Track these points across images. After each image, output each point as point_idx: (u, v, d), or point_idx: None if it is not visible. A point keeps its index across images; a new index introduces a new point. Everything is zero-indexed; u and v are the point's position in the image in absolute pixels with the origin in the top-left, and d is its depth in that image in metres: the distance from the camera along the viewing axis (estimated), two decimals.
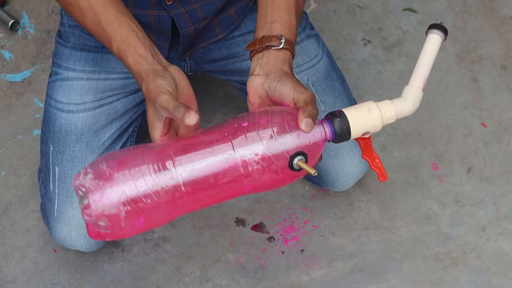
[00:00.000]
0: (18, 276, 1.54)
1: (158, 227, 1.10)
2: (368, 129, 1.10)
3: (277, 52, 1.18)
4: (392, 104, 1.11)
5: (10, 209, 1.61)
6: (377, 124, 1.10)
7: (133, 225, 1.05)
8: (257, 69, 1.18)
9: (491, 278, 1.56)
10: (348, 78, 1.76)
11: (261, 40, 1.19)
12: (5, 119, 1.71)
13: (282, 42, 1.18)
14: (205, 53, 1.48)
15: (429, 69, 1.14)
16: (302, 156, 1.07)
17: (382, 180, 1.14)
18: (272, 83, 1.14)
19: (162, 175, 1.04)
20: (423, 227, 1.61)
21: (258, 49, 1.19)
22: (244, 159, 1.06)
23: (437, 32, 1.14)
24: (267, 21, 1.21)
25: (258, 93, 1.16)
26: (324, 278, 1.55)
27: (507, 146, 1.70)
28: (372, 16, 1.87)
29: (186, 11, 1.37)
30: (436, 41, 1.14)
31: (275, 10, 1.22)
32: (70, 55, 1.44)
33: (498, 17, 1.87)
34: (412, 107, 1.12)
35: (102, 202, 1.03)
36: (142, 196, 1.03)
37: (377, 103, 1.11)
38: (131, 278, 1.54)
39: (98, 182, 1.03)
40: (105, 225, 1.04)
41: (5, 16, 1.80)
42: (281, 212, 1.62)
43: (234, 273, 1.55)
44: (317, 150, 1.09)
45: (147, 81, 1.14)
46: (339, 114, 1.09)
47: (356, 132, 1.10)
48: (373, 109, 1.10)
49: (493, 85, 1.78)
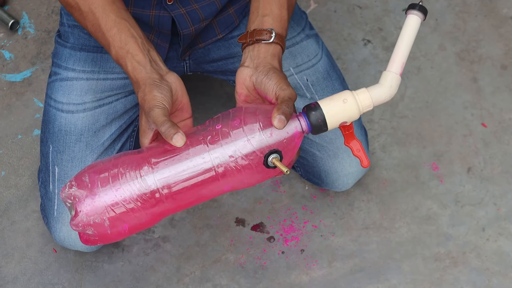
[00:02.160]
0: (18, 276, 1.54)
1: (145, 228, 1.13)
2: (345, 119, 1.10)
3: (267, 46, 1.20)
4: (368, 92, 1.10)
5: (10, 209, 1.61)
6: (354, 113, 1.10)
7: (119, 231, 1.10)
8: (247, 61, 1.20)
9: (491, 278, 1.56)
10: (348, 78, 1.76)
11: (252, 33, 1.21)
12: (5, 119, 1.71)
13: (272, 36, 1.20)
14: (204, 53, 1.48)
15: (407, 52, 1.11)
16: (276, 154, 1.08)
17: (364, 167, 1.13)
18: (259, 76, 1.16)
19: (140, 182, 1.07)
20: (423, 227, 1.61)
21: (249, 42, 1.21)
22: (219, 161, 1.07)
23: (416, 13, 1.11)
24: (259, 14, 1.23)
25: (246, 84, 1.18)
26: (324, 278, 1.55)
27: (507, 146, 1.70)
28: (372, 16, 1.87)
29: (187, 11, 1.37)
30: (415, 22, 1.10)
31: (267, 3, 1.24)
32: (69, 55, 1.44)
33: (498, 17, 1.87)
34: (389, 93, 1.11)
35: (85, 212, 1.07)
36: (122, 203, 1.07)
37: (353, 92, 1.10)
38: (131, 278, 1.54)
39: (82, 193, 1.07)
40: (92, 233, 1.09)
41: (5, 16, 1.80)
42: (281, 212, 1.62)
43: (234, 273, 1.55)
44: (294, 144, 1.10)
45: (144, 91, 1.15)
46: (314, 106, 1.10)
47: (333, 123, 1.10)
48: (348, 100, 1.09)
49: (493, 85, 1.78)
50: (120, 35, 1.21)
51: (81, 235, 1.12)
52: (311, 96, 1.47)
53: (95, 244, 1.12)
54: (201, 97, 1.74)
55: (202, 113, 1.71)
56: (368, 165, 1.14)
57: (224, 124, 1.09)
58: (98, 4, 1.23)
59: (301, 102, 1.47)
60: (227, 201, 1.62)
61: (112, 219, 1.08)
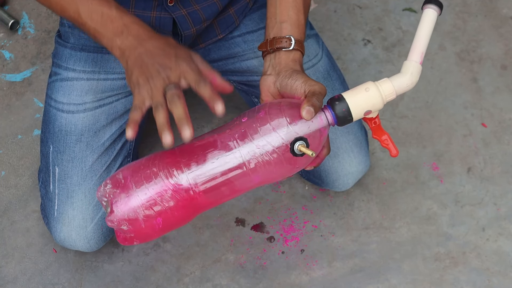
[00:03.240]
0: (18, 276, 1.54)
1: (180, 226, 1.16)
2: (369, 108, 1.13)
3: (287, 53, 1.22)
4: (390, 81, 1.14)
5: (10, 209, 1.61)
6: (377, 102, 1.13)
7: (153, 226, 1.13)
8: (269, 69, 1.22)
9: (491, 278, 1.56)
10: (348, 78, 1.76)
11: (272, 41, 1.23)
12: (5, 119, 1.71)
13: (292, 44, 1.22)
14: (204, 53, 1.48)
15: (426, 43, 1.15)
16: (302, 141, 1.10)
17: (393, 156, 1.17)
18: (283, 80, 1.18)
19: (173, 176, 1.10)
20: (423, 227, 1.61)
21: (270, 50, 1.23)
22: (248, 155, 1.10)
23: (433, 7, 1.15)
24: (277, 21, 1.25)
25: (271, 91, 1.20)
26: (324, 278, 1.55)
27: (507, 146, 1.70)
28: (372, 16, 1.87)
29: (188, 12, 1.37)
30: (432, 15, 1.15)
31: (284, 9, 1.25)
32: (70, 55, 1.44)
33: (498, 17, 1.87)
34: (410, 81, 1.14)
35: (120, 208, 1.11)
36: (156, 197, 1.10)
37: (375, 82, 1.13)
38: (131, 278, 1.54)
39: (116, 190, 1.11)
40: (127, 228, 1.12)
41: (5, 16, 1.80)
42: (281, 212, 1.62)
43: (234, 273, 1.55)
44: (320, 136, 1.13)
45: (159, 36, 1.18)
46: (338, 98, 1.13)
47: (357, 113, 1.13)
48: (370, 88, 1.13)
49: (493, 85, 1.78)
50: None
51: (118, 233, 1.16)
52: None
53: (131, 243, 1.15)
54: None
55: (202, 113, 1.71)
56: (396, 155, 1.17)
57: (250, 118, 1.12)
58: None
59: None
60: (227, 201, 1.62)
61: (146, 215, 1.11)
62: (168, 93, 1.10)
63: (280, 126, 1.10)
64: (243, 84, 1.51)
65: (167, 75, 1.13)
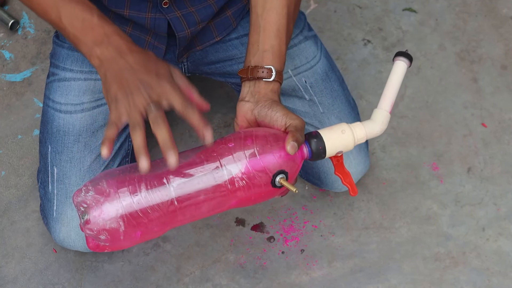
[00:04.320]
0: (18, 276, 1.54)
1: (152, 238, 1.16)
2: (342, 149, 1.19)
3: (267, 84, 1.23)
4: (363, 126, 1.21)
5: (10, 209, 1.61)
6: (349, 144, 1.20)
7: (131, 238, 1.13)
8: (248, 96, 1.23)
9: (491, 278, 1.56)
10: (348, 78, 1.76)
11: (253, 70, 1.23)
12: (5, 119, 1.71)
13: (273, 75, 1.23)
14: (202, 55, 1.48)
15: (396, 93, 1.23)
16: (283, 175, 1.15)
17: (353, 195, 1.22)
18: (262, 110, 1.20)
19: (158, 191, 1.11)
20: (423, 227, 1.61)
21: (250, 78, 1.23)
22: (230, 177, 1.14)
23: (403, 59, 1.23)
24: (259, 49, 1.25)
25: (247, 117, 1.22)
26: (324, 278, 1.55)
27: (507, 146, 1.70)
28: (372, 16, 1.87)
29: (183, 14, 1.37)
30: (402, 67, 1.23)
31: (267, 37, 1.25)
32: (67, 55, 1.44)
33: (498, 17, 1.87)
34: (380, 128, 1.22)
35: (102, 217, 1.10)
36: (139, 211, 1.11)
37: (349, 125, 1.20)
38: (131, 278, 1.54)
39: (99, 198, 1.10)
40: (105, 238, 1.11)
41: (5, 16, 1.81)
42: (281, 212, 1.62)
43: (234, 273, 1.55)
44: (296, 168, 1.18)
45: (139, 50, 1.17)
46: (315, 135, 1.18)
47: (331, 151, 1.19)
48: (346, 131, 1.19)
49: (493, 85, 1.78)
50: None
51: (89, 240, 1.14)
52: (309, 97, 1.47)
53: (101, 250, 1.15)
54: None
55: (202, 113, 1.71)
56: (355, 194, 1.22)
57: (237, 144, 1.15)
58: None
59: (300, 104, 1.47)
60: None
61: (127, 226, 1.11)
62: (151, 114, 1.09)
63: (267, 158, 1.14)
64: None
65: (148, 93, 1.12)
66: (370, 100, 1.75)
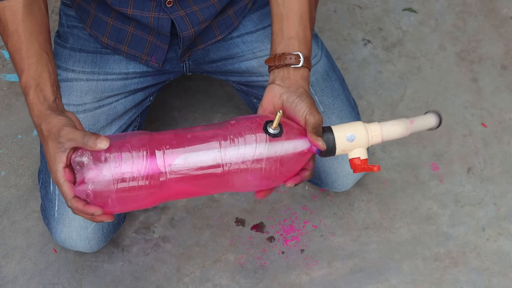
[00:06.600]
0: (18, 276, 1.54)
1: (141, 208, 1.17)
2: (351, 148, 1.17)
3: (296, 70, 1.22)
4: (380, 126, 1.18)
5: (10, 209, 1.61)
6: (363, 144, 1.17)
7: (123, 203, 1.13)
8: (278, 80, 1.21)
9: (491, 278, 1.56)
10: (348, 78, 1.76)
11: (280, 57, 1.22)
12: (5, 119, 1.71)
13: (301, 61, 1.22)
14: (204, 54, 1.48)
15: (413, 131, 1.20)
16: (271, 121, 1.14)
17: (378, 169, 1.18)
18: (291, 96, 1.18)
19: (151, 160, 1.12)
20: (423, 227, 1.61)
21: (278, 65, 1.22)
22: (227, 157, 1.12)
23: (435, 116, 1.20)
24: (284, 37, 1.24)
25: (274, 101, 1.20)
26: (324, 278, 1.55)
27: (507, 146, 1.70)
28: (372, 16, 1.87)
29: (186, 13, 1.37)
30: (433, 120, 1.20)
31: (291, 25, 1.24)
32: (69, 56, 1.44)
33: (498, 17, 1.87)
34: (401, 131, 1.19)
35: (95, 179, 1.11)
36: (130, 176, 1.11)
37: (365, 124, 1.17)
38: (131, 278, 1.54)
39: (94, 161, 1.11)
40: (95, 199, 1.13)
41: None
42: (281, 212, 1.62)
43: (234, 273, 1.55)
44: (301, 158, 1.15)
45: (47, 119, 1.18)
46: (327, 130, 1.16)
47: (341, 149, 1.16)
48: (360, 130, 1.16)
49: (493, 85, 1.78)
50: (37, 66, 1.24)
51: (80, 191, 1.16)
52: None
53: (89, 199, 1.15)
54: (201, 97, 1.74)
55: (202, 113, 1.71)
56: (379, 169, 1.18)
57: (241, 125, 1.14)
58: (26, 29, 1.24)
59: None
60: (227, 201, 1.62)
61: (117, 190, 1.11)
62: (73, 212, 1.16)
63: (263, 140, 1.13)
64: (242, 85, 1.51)
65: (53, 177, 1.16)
66: (370, 100, 1.75)
